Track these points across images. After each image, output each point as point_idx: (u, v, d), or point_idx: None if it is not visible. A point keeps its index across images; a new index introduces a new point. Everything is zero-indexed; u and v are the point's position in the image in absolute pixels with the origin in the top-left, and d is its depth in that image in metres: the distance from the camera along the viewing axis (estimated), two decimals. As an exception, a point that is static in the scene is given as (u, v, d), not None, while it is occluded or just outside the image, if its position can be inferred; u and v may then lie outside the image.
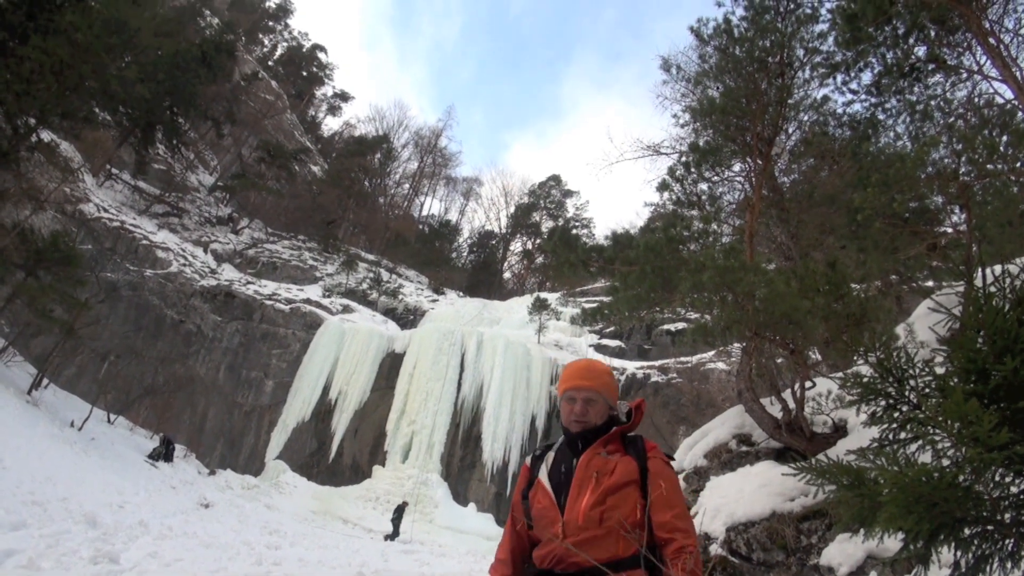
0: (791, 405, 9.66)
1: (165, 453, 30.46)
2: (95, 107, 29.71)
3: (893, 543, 3.53)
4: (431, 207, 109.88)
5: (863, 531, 3.49)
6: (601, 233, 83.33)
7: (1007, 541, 3.15)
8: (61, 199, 38.30)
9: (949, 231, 10.42)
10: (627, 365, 44.24)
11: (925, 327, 9.12)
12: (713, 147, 13.88)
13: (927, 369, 3.48)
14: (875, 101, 13.60)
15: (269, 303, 47.29)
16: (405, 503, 31.20)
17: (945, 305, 4.27)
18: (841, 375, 7.27)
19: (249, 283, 49.06)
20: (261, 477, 37.81)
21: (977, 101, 12.87)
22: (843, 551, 6.64)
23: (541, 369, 42.70)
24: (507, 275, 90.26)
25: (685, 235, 12.11)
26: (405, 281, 63.01)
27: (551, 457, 3.75)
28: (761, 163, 13.45)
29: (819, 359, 11.89)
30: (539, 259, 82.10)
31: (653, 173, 63.16)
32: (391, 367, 43.87)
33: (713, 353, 39.21)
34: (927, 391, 3.45)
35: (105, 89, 28.00)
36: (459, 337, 44.69)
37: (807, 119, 15.24)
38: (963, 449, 3.05)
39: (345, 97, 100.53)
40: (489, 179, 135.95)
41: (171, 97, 45.24)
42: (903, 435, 3.53)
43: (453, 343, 44.05)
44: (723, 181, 15.32)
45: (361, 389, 42.84)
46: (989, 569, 3.16)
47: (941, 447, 3.17)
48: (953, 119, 12.70)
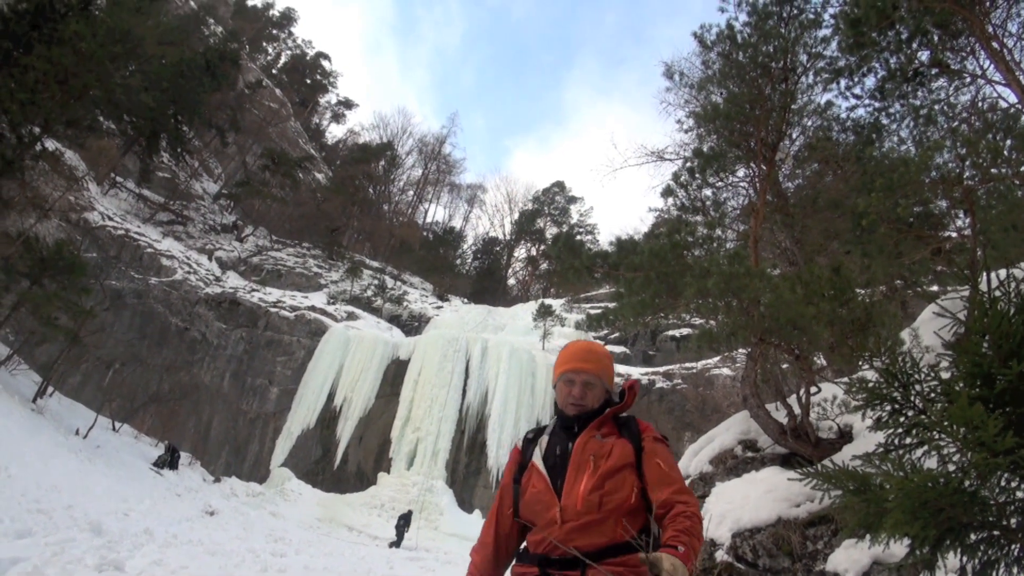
0: (796, 411, 9.64)
1: (170, 461, 30.46)
2: (99, 116, 29.81)
3: (899, 549, 3.52)
4: (435, 214, 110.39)
5: (869, 537, 3.48)
6: (605, 239, 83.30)
7: (1013, 546, 3.14)
8: (66, 207, 38.39)
9: (953, 235, 10.42)
10: (632, 371, 44.16)
11: (930, 332, 9.10)
12: (717, 153, 13.88)
13: (932, 374, 3.48)
14: (879, 106, 13.60)
15: (274, 310, 47.30)
16: (410, 511, 31.15)
17: (950, 310, 4.28)
18: (846, 380, 7.26)
19: (254, 290, 49.10)
20: (266, 484, 37.78)
21: (981, 105, 12.88)
22: (849, 557, 6.63)
23: (546, 375, 42.60)
24: (511, 281, 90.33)
25: (690, 241, 12.11)
26: (409, 288, 63.05)
27: (544, 440, 3.68)
28: (765, 168, 13.45)
29: (824, 364, 11.89)
30: (543, 265, 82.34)
31: (657, 179, 63.33)
32: (396, 374, 43.87)
33: (718, 359, 39.15)
34: (932, 396, 3.44)
35: (109, 98, 28.12)
36: (464, 344, 44.69)
37: (811, 124, 15.26)
38: (968, 454, 3.04)
39: (349, 105, 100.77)
40: (493, 186, 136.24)
41: (175, 105, 45.29)
42: (909, 440, 3.52)
43: (458, 350, 44.05)
44: (727, 187, 15.34)
45: (366, 396, 42.83)
46: (995, 574, 3.15)
47: (947, 452, 3.17)
48: (957, 123, 12.71)
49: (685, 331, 43.99)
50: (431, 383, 42.21)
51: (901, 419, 3.55)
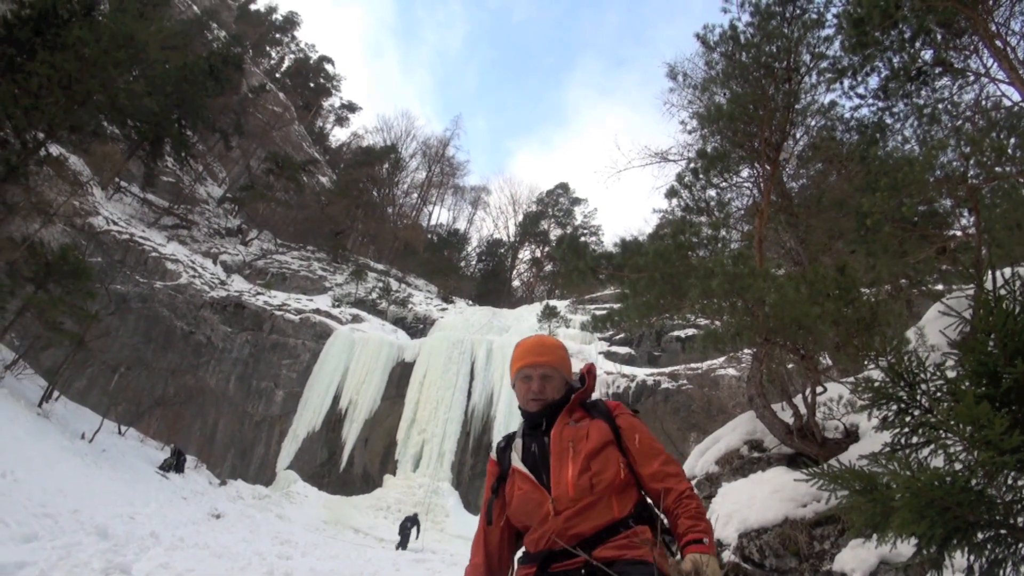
0: (802, 411, 9.63)
1: (176, 464, 30.53)
2: (103, 121, 29.85)
3: (906, 548, 3.51)
4: (439, 216, 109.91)
5: (876, 536, 3.47)
6: (610, 240, 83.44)
7: (1020, 545, 3.13)
8: (70, 212, 38.43)
9: (958, 234, 10.41)
10: (637, 372, 44.17)
11: (936, 331, 9.09)
12: (721, 153, 13.86)
13: (938, 373, 3.47)
14: (882, 105, 13.58)
15: (279, 313, 47.34)
16: (416, 514, 31.07)
17: (955, 309, 4.27)
18: (852, 380, 7.25)
19: (259, 294, 49.15)
20: (272, 487, 37.83)
21: (984, 104, 12.86)
22: (856, 557, 6.61)
23: (550, 377, 42.50)
24: (516, 283, 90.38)
25: (694, 241, 12.09)
26: (414, 290, 63.11)
27: (518, 443, 3.66)
28: (769, 168, 13.44)
29: (830, 364, 11.86)
30: (548, 267, 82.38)
31: (661, 180, 63.19)
32: (401, 376, 43.92)
33: (723, 359, 39.12)
34: (938, 395, 3.44)
35: (113, 103, 28.16)
36: (469, 345, 44.74)
37: (815, 124, 15.23)
38: (975, 453, 3.04)
39: (352, 108, 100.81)
40: (497, 188, 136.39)
41: (179, 110, 45.41)
42: (915, 439, 3.52)
43: (463, 352, 44.10)
44: (731, 187, 15.31)
45: (371, 398, 42.88)
46: (1003, 573, 3.15)
47: (953, 451, 3.16)
48: (961, 122, 12.68)
49: (690, 332, 43.99)
50: (436, 385, 42.27)
51: (907, 418, 3.55)
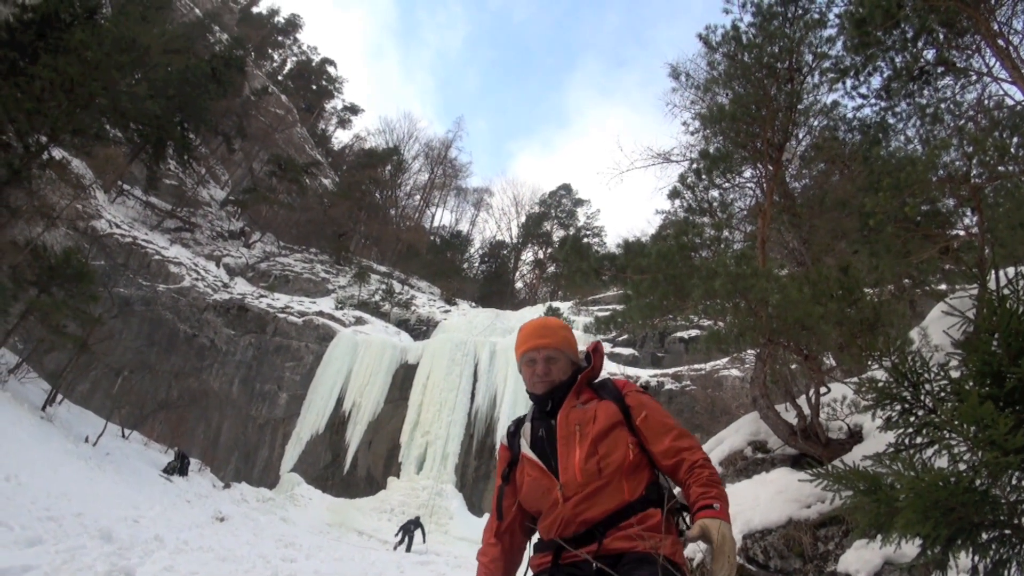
0: (806, 411, 9.62)
1: (180, 467, 30.55)
2: (106, 124, 29.85)
3: (910, 549, 3.50)
4: (442, 218, 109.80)
5: (880, 537, 3.46)
6: (613, 241, 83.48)
7: (1025, 545, 3.13)
8: (73, 216, 38.51)
9: (961, 234, 10.40)
10: (641, 373, 44.10)
11: (939, 331, 9.09)
12: (724, 154, 13.86)
13: (942, 373, 3.46)
14: (885, 105, 13.57)
15: (282, 316, 47.36)
16: (418, 517, 30.96)
17: (959, 308, 4.27)
18: (856, 380, 7.25)
19: (262, 296, 49.17)
20: (276, 490, 37.80)
21: (987, 103, 12.84)
22: (860, 557, 6.60)
23: (554, 378, 42.44)
24: (519, 285, 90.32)
25: (697, 242, 12.09)
26: (417, 292, 63.10)
27: (527, 428, 3.62)
28: (772, 169, 13.42)
29: (833, 364, 11.85)
30: (551, 268, 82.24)
31: (664, 181, 63.17)
32: (404, 378, 43.88)
33: (727, 360, 39.04)
34: (942, 395, 3.43)
35: (116, 106, 28.20)
36: (472, 347, 44.69)
37: (817, 124, 15.21)
38: (979, 453, 3.03)
39: (355, 110, 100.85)
40: (499, 189, 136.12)
41: (182, 113, 45.43)
42: (919, 440, 3.51)
43: (466, 353, 44.06)
44: (734, 187, 15.31)
45: (375, 401, 42.84)
46: (1007, 574, 3.14)
47: (957, 451, 3.15)
48: (963, 122, 12.68)
49: (694, 332, 43.95)
50: (440, 387, 42.22)
51: (911, 419, 3.54)
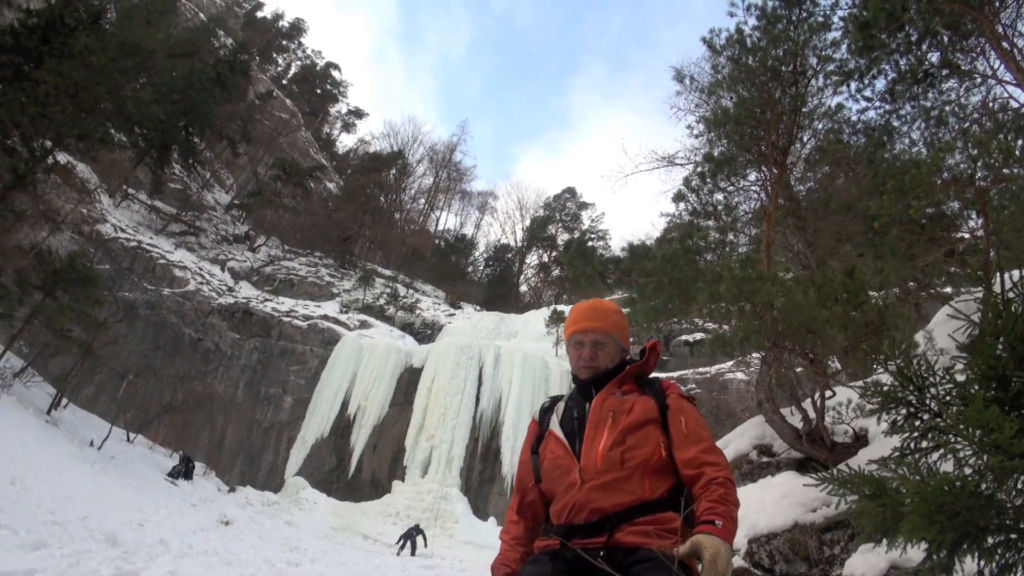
0: (811, 415, 9.61)
1: (185, 471, 30.58)
2: (111, 128, 29.89)
3: (916, 553, 3.49)
4: (447, 221, 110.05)
5: (886, 541, 3.45)
6: (617, 245, 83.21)
7: (1031, 549, 3.12)
8: (78, 220, 38.58)
9: (966, 236, 10.37)
10: (646, 377, 44.03)
11: (944, 334, 9.06)
12: (728, 157, 13.86)
13: (947, 377, 3.46)
14: (889, 108, 13.56)
15: (287, 320, 47.35)
16: (418, 524, 30.89)
17: (964, 312, 4.26)
18: (861, 384, 7.24)
19: (266, 300, 49.17)
20: (281, 494, 37.82)
21: (992, 105, 12.84)
22: (866, 562, 6.59)
23: (559, 382, 42.45)
24: (524, 288, 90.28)
25: (702, 246, 12.09)
26: (422, 296, 63.10)
27: (561, 406, 3.52)
28: (777, 172, 13.42)
29: (839, 368, 11.84)
30: (555, 272, 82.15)
31: (668, 184, 63.18)
32: (409, 382, 43.84)
33: (732, 363, 39.05)
34: (948, 399, 3.42)
35: (120, 110, 28.25)
36: (477, 351, 44.65)
37: (822, 127, 15.22)
38: (985, 457, 3.02)
39: (359, 114, 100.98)
40: (504, 193, 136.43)
41: (186, 117, 45.47)
42: (924, 444, 3.50)
43: (471, 357, 44.00)
44: (739, 191, 15.32)
45: (380, 404, 42.80)
46: (1013, 578, 3.13)
47: (963, 455, 3.14)
48: (968, 124, 12.67)
49: (699, 336, 43.90)
50: (444, 391, 42.17)
51: (916, 422, 3.53)
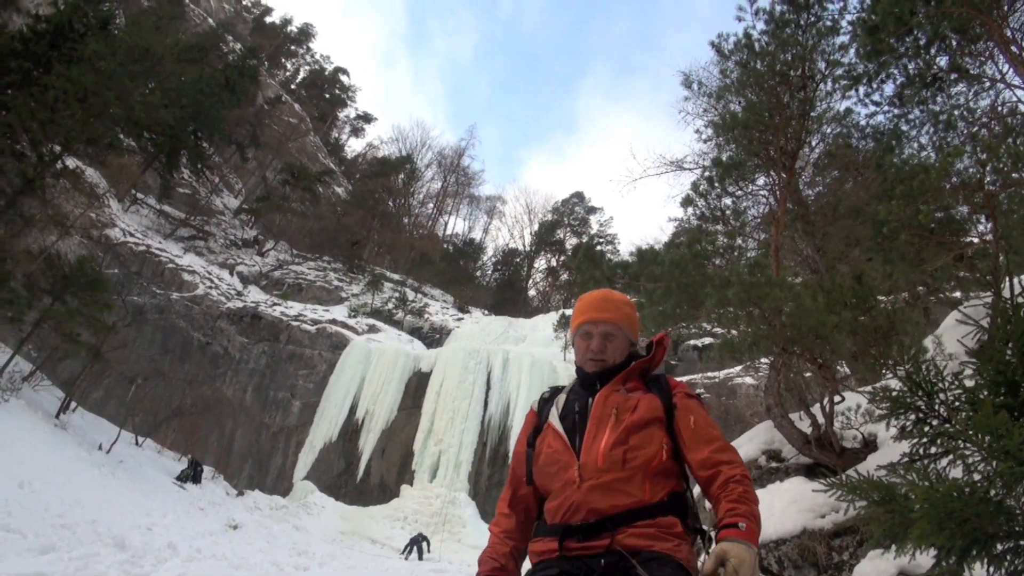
0: (820, 420, 9.58)
1: (193, 475, 30.61)
2: (120, 133, 29.96)
3: (925, 560, 3.47)
4: (455, 226, 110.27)
5: (895, 547, 3.44)
6: (626, 249, 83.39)
7: (1040, 556, 3.10)
8: (87, 224, 38.67)
9: (975, 241, 10.35)
10: (654, 381, 43.99)
11: (953, 339, 9.03)
12: (736, 161, 13.85)
13: (956, 382, 3.44)
14: (898, 112, 13.54)
15: (295, 324, 47.43)
16: (421, 533, 30.86)
17: (973, 317, 4.23)
18: (870, 389, 7.22)
19: (275, 304, 49.26)
20: (289, 498, 37.80)
21: (1000, 110, 12.81)
22: (875, 568, 6.56)
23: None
24: (532, 292, 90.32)
25: (710, 250, 12.10)
26: (430, 300, 63.16)
27: (562, 398, 3.33)
28: (785, 176, 13.40)
29: (848, 373, 11.81)
30: (564, 276, 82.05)
31: (676, 188, 63.09)
32: (418, 386, 43.86)
33: (741, 368, 38.99)
34: (957, 404, 3.41)
35: (129, 115, 28.30)
36: (485, 355, 44.66)
37: (830, 131, 15.20)
38: (994, 463, 3.01)
39: (368, 119, 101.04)
40: (512, 197, 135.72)
41: (195, 122, 45.55)
42: (933, 449, 3.49)
43: (479, 361, 44.01)
44: (747, 195, 15.29)
45: (388, 409, 42.82)
46: (1022, 584, 3.11)
47: (972, 461, 3.13)
48: (977, 128, 12.64)
49: (707, 341, 43.85)
50: (453, 395, 42.17)
51: (926, 428, 3.53)
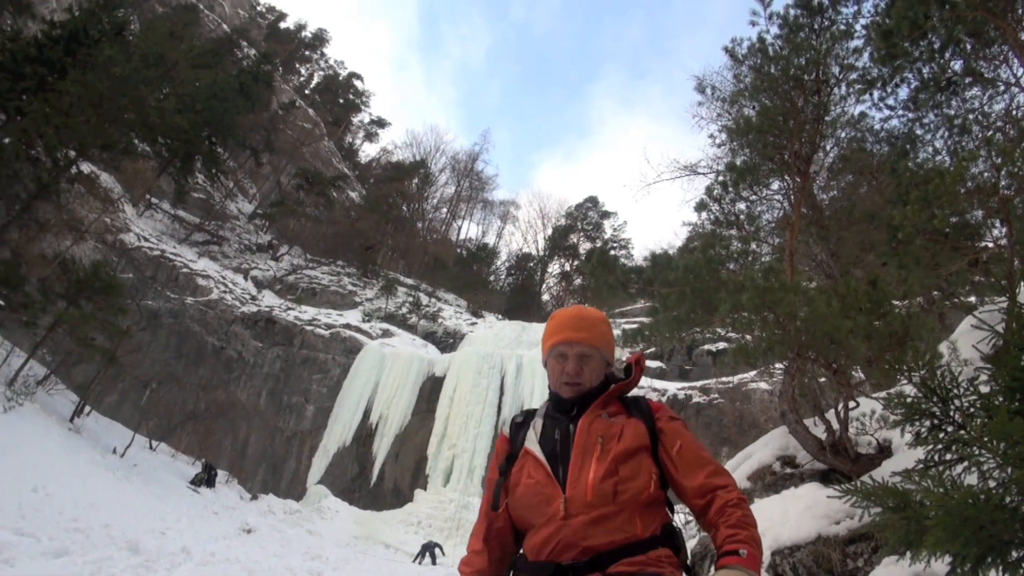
0: (835, 426, 9.56)
1: (207, 479, 30.71)
2: (134, 138, 30.09)
3: (940, 567, 3.46)
4: (469, 231, 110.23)
5: (910, 554, 3.42)
6: (639, 254, 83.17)
7: (1057, 564, 3.08)
8: (101, 229, 38.80)
9: (990, 246, 10.31)
10: (668, 386, 43.97)
11: (968, 344, 9.00)
12: (750, 166, 13.83)
13: (971, 388, 3.43)
14: (912, 116, 13.50)
15: (309, 328, 47.55)
16: (431, 540, 30.86)
17: (988, 322, 4.23)
18: (885, 395, 7.20)
19: (289, 309, 49.41)
20: (303, 502, 37.87)
21: (1015, 113, 12.76)
22: (890, 575, 6.54)
23: (581, 391, 42.37)
24: (545, 297, 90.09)
25: (724, 255, 12.07)
26: (444, 305, 63.15)
27: (539, 424, 3.14)
28: (800, 181, 13.37)
29: (863, 378, 11.78)
30: (577, 281, 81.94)
31: (690, 193, 63.09)
32: (431, 391, 43.93)
33: (755, 373, 38.87)
34: (972, 411, 3.39)
35: (144, 121, 28.43)
36: (499, 360, 44.69)
37: (845, 136, 15.16)
38: (1009, 469, 2.99)
39: (382, 123, 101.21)
40: (526, 202, 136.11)
41: (210, 127, 45.71)
42: (948, 456, 3.48)
43: (493, 366, 44.06)
44: (761, 200, 15.26)
45: (402, 413, 42.91)
46: (1038, 592, 3.09)
47: (987, 468, 3.12)
48: (991, 132, 12.58)
49: (721, 345, 43.71)
50: (466, 400, 42.22)
51: (940, 434, 3.51)
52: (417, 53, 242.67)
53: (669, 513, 2.90)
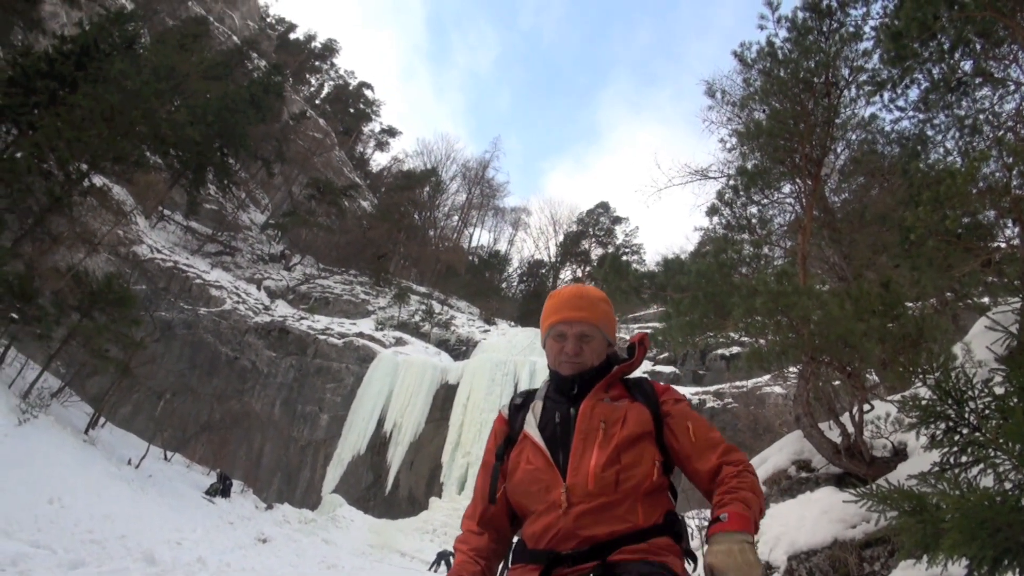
0: (850, 429, 9.52)
1: (222, 489, 30.71)
2: (146, 151, 30.23)
3: (957, 570, 3.44)
4: (480, 238, 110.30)
5: (926, 558, 3.40)
6: (652, 259, 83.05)
7: (1075, 566, 3.07)
8: (114, 241, 38.92)
9: (1003, 246, 10.27)
10: (682, 391, 43.74)
11: (983, 346, 8.95)
12: (761, 170, 13.81)
13: (986, 390, 3.41)
14: (923, 117, 13.46)
15: (322, 338, 47.62)
16: (446, 549, 30.83)
17: (1002, 323, 4.21)
18: (900, 398, 7.17)
19: (302, 318, 49.50)
20: (318, 511, 37.88)
21: (1027, 113, 12.73)
22: (907, 578, 6.51)
23: (594, 397, 42.33)
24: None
25: (736, 259, 12.05)
26: (457, 312, 63.18)
27: (538, 405, 2.97)
28: (811, 184, 13.35)
29: (877, 381, 11.74)
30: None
31: (702, 198, 62.95)
32: (445, 398, 43.90)
33: (769, 377, 38.75)
34: (987, 413, 3.38)
35: (156, 133, 28.55)
36: (512, 367, 44.62)
37: (855, 138, 15.15)
38: (1025, 471, 2.98)
39: (392, 132, 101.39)
40: (537, 208, 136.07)
41: (221, 138, 45.91)
42: (964, 458, 3.46)
43: (506, 373, 44.00)
44: (773, 203, 15.24)
45: (416, 421, 42.89)
46: (1056, 594, 3.08)
47: (1003, 470, 3.10)
48: (1002, 132, 12.54)
49: (735, 350, 43.62)
50: (480, 407, 42.16)
51: (956, 437, 3.49)
52: (426, 61, 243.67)
53: (672, 500, 2.80)
